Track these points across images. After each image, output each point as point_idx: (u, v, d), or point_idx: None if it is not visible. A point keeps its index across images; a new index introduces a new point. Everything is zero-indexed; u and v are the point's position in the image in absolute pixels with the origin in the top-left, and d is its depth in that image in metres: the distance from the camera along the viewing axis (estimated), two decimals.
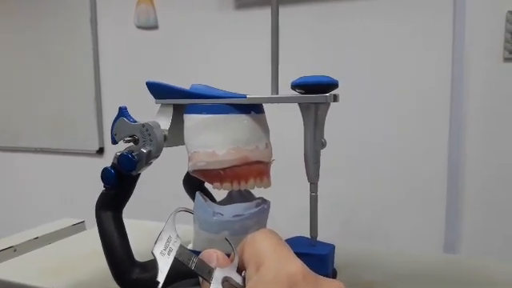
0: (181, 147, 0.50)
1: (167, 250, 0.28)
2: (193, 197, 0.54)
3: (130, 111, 0.46)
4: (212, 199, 0.52)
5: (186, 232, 0.29)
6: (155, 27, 1.78)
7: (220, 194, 0.51)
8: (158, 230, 0.28)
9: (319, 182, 0.46)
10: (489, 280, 0.49)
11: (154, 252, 0.28)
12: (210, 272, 0.27)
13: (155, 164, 0.51)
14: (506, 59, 1.36)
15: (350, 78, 1.40)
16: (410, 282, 0.49)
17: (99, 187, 0.47)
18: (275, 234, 0.28)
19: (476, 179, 1.42)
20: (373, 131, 1.51)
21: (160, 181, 1.47)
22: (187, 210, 0.33)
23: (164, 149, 0.47)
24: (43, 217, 0.76)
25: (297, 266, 0.24)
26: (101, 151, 1.94)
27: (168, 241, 0.28)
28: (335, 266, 0.48)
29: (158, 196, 1.57)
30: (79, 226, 0.74)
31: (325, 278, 0.25)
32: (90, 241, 0.63)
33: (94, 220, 0.48)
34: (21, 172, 2.16)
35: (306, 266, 0.25)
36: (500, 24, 1.35)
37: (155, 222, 0.65)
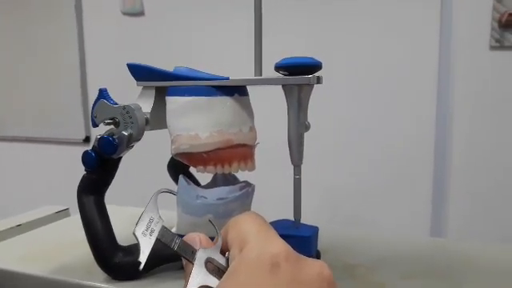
0: (165, 131, 0.49)
1: (149, 230, 0.27)
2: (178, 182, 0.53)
3: (117, 99, 0.45)
4: (197, 184, 0.52)
5: (168, 217, 0.28)
6: (141, 13, 1.75)
7: (205, 179, 0.51)
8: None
9: (305, 168, 0.46)
10: (473, 263, 0.50)
11: (136, 233, 0.27)
12: (193, 253, 0.27)
13: (139, 149, 0.50)
14: (493, 47, 1.37)
15: (335, 63, 1.39)
16: (393, 264, 0.49)
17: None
18: (259, 216, 0.28)
19: (462, 165, 1.44)
20: (359, 116, 1.52)
21: (144, 167, 1.46)
22: (169, 191, 0.32)
23: (147, 133, 0.46)
24: (28, 207, 0.75)
25: (279, 246, 0.24)
26: (87, 140, 1.91)
27: (150, 221, 0.28)
28: (319, 248, 0.49)
29: (142, 182, 1.55)
30: (63, 213, 0.73)
31: (307, 258, 0.25)
32: (74, 227, 0.62)
33: None
34: (5, 161, 2.13)
35: (289, 246, 0.25)
36: (486, 12, 1.36)
37: (139, 207, 0.64)
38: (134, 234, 0.27)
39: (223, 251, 0.28)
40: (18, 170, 2.10)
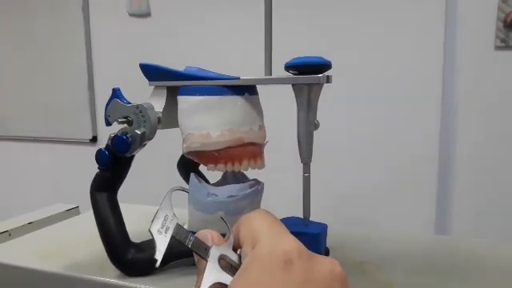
0: (175, 131, 0.50)
1: (164, 228, 0.28)
2: (187, 181, 0.54)
3: None
4: (206, 182, 0.53)
5: (180, 215, 0.29)
6: (148, 14, 1.76)
7: (214, 176, 0.51)
8: (153, 213, 0.28)
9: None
10: (479, 261, 0.50)
11: (152, 230, 0.27)
12: (206, 250, 0.27)
13: (150, 148, 0.51)
14: (498, 47, 1.37)
15: (340, 63, 1.39)
16: (400, 261, 0.50)
17: (93, 176, 0.47)
18: (270, 214, 0.28)
19: (466, 165, 1.44)
20: (363, 116, 1.52)
21: (154, 165, 1.47)
22: (183, 189, 0.33)
23: (159, 132, 0.47)
24: (36, 206, 0.76)
25: (292, 243, 0.25)
26: (94, 140, 1.93)
27: (165, 219, 0.28)
28: (327, 245, 0.49)
29: (153, 181, 1.57)
30: (73, 211, 0.74)
31: (319, 255, 0.26)
32: (85, 224, 0.63)
33: (88, 207, 0.48)
34: (12, 161, 2.15)
35: (300, 243, 0.25)
36: (491, 12, 1.36)
37: (150, 206, 0.65)
38: (149, 231, 0.28)
39: (235, 248, 0.28)
40: (25, 169, 2.12)
